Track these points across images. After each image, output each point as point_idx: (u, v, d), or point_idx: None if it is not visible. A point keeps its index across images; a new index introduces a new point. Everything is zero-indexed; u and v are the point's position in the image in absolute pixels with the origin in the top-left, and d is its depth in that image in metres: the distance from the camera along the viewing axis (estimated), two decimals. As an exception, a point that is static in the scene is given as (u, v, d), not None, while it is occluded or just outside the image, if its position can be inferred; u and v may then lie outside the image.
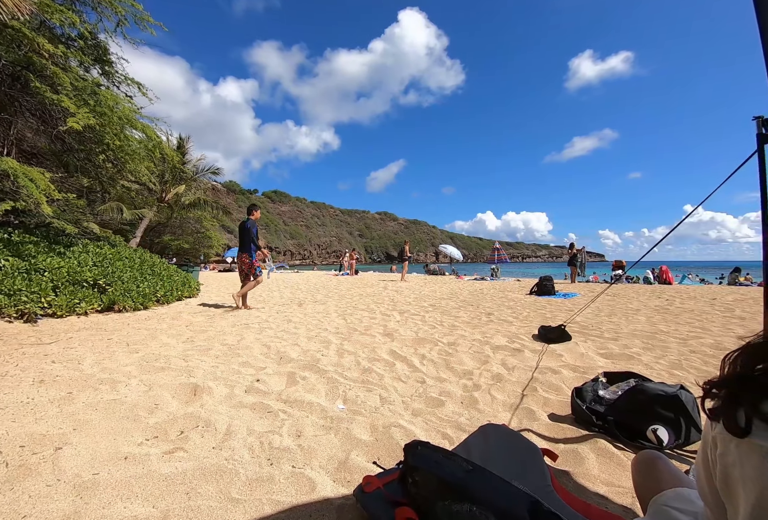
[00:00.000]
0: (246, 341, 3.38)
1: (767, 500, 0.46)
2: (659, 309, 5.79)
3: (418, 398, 2.09)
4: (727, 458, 0.53)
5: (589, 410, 1.74)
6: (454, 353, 3.02)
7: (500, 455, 1.24)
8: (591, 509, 1.13)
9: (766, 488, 0.46)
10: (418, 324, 4.32)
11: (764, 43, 1.20)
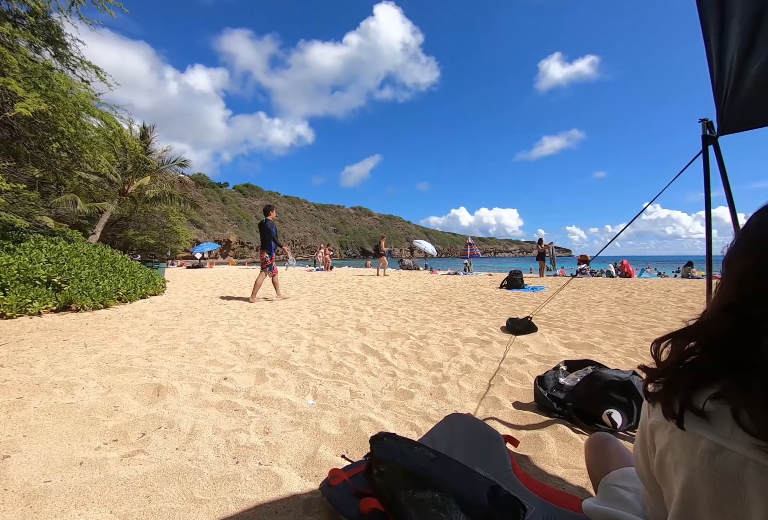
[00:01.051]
0: (214, 338, 3.29)
1: (695, 482, 0.48)
2: (619, 301, 6.11)
3: (388, 391, 2.11)
4: (662, 444, 0.55)
5: (550, 397, 1.82)
6: (425, 346, 3.07)
7: (464, 443, 1.28)
8: (548, 490, 1.18)
9: (694, 471, 0.48)
10: (391, 318, 4.35)
11: (708, 52, 1.28)
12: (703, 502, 0.48)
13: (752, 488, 0.43)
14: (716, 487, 0.46)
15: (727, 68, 1.28)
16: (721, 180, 1.66)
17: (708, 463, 0.47)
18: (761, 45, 1.13)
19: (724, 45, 1.19)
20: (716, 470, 0.46)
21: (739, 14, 1.04)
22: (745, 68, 1.25)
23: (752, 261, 0.49)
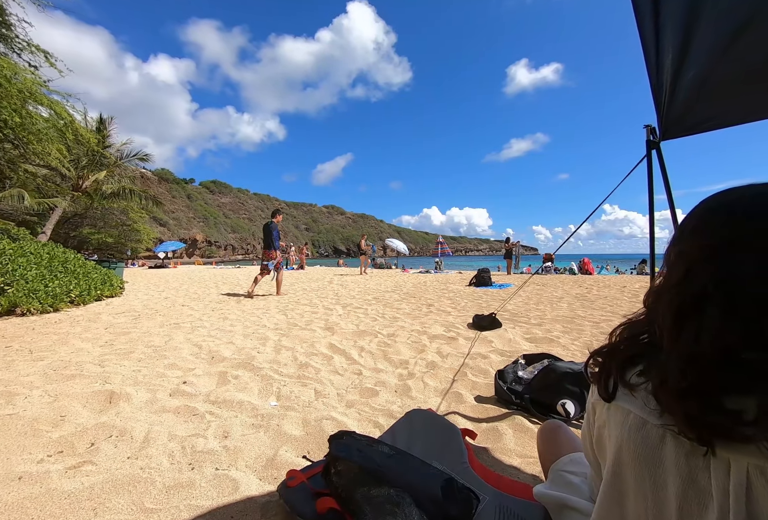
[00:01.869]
0: (175, 341, 3.16)
1: (623, 454, 0.52)
2: (579, 297, 6.42)
3: (353, 390, 2.11)
4: (600, 420, 0.60)
5: (509, 390, 1.88)
6: (392, 343, 3.09)
7: (423, 438, 1.30)
8: (503, 480, 1.23)
9: (623, 442, 0.52)
10: (360, 317, 4.35)
11: (647, 64, 1.36)
12: (628, 473, 0.51)
13: (669, 458, 0.46)
14: (639, 458, 0.49)
15: (665, 79, 1.37)
16: (663, 182, 1.78)
17: (634, 435, 0.51)
18: (692, 57, 1.22)
19: (661, 57, 1.27)
20: (640, 441, 0.50)
21: (671, 27, 1.12)
22: (679, 79, 1.35)
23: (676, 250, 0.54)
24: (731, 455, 0.42)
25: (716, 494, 0.42)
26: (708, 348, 0.43)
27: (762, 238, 0.44)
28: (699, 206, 0.53)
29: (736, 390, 0.42)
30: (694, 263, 0.49)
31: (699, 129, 1.66)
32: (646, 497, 0.49)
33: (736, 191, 0.50)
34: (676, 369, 0.46)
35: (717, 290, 0.44)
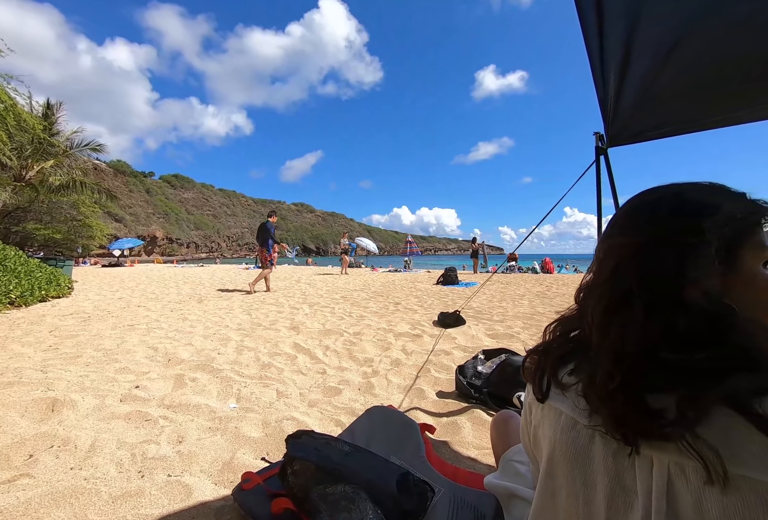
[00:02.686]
0: (128, 344, 2.99)
1: (555, 453, 0.53)
2: (539, 294, 6.71)
3: (316, 389, 2.10)
4: (536, 419, 0.60)
5: (468, 385, 1.94)
6: (358, 342, 3.10)
7: (382, 434, 1.32)
8: (459, 472, 1.27)
9: (556, 443, 0.53)
10: (327, 316, 4.32)
11: (594, 75, 1.44)
12: (561, 472, 0.52)
13: (598, 458, 0.47)
14: (570, 458, 0.50)
15: (610, 90, 1.46)
16: (610, 187, 1.90)
17: (565, 436, 0.51)
18: (633, 70, 1.31)
19: (606, 70, 1.35)
20: (570, 442, 0.50)
21: (613, 41, 1.20)
22: (623, 90, 1.44)
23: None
24: (654, 454, 0.42)
25: (641, 492, 0.43)
26: (632, 347, 0.44)
27: (681, 235, 0.45)
28: (626, 204, 0.54)
29: (657, 389, 0.43)
30: (621, 260, 0.49)
31: (642, 138, 1.78)
32: (578, 496, 0.49)
33: (659, 190, 0.52)
34: (604, 370, 0.46)
35: (641, 287, 0.45)
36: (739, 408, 0.37)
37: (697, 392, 0.40)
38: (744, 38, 1.13)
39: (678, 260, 0.44)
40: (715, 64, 1.24)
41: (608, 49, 1.23)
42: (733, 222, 0.45)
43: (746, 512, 0.36)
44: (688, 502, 0.39)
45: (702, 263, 0.44)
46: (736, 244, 0.45)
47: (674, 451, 0.40)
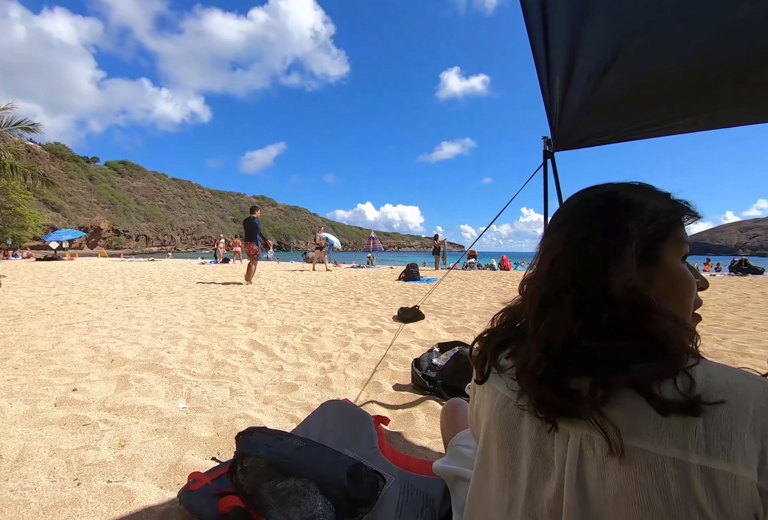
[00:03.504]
0: (65, 344, 2.77)
1: (491, 430, 0.57)
2: (496, 290, 7.01)
3: (272, 386, 2.07)
4: (477, 400, 0.65)
5: (424, 377, 2.00)
6: (317, 338, 3.08)
7: (336, 428, 1.33)
8: (411, 461, 1.31)
9: (491, 419, 0.57)
10: (286, 312, 4.24)
11: (541, 85, 1.52)
12: (494, 446, 0.56)
13: (525, 433, 0.52)
14: (502, 433, 0.55)
15: (555, 98, 1.55)
16: (556, 189, 2.02)
17: (499, 413, 0.56)
18: (575, 81, 1.41)
19: (551, 79, 1.44)
20: (503, 418, 0.55)
21: (558, 52, 1.27)
22: (567, 99, 1.54)
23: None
24: (570, 429, 0.47)
25: (557, 463, 0.48)
26: (561, 337, 0.48)
27: (609, 234, 0.48)
28: (566, 202, 0.58)
29: (577, 374, 0.46)
30: (556, 256, 0.52)
31: (584, 144, 1.91)
32: (506, 468, 0.54)
33: (594, 190, 0.56)
34: (534, 357, 0.50)
35: (572, 282, 0.49)
36: (640, 390, 0.42)
37: (608, 376, 0.44)
38: (673, 57, 1.25)
39: (605, 255, 0.47)
40: (647, 81, 1.35)
41: (553, 59, 1.31)
42: (656, 220, 0.49)
43: (639, 479, 0.41)
44: (594, 471, 0.44)
45: (627, 258, 0.47)
46: (658, 240, 0.49)
47: (585, 426, 0.45)
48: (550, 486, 0.48)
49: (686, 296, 0.52)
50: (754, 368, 1.41)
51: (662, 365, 0.43)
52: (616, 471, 0.42)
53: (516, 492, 0.52)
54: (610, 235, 0.48)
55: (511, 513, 0.52)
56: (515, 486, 0.52)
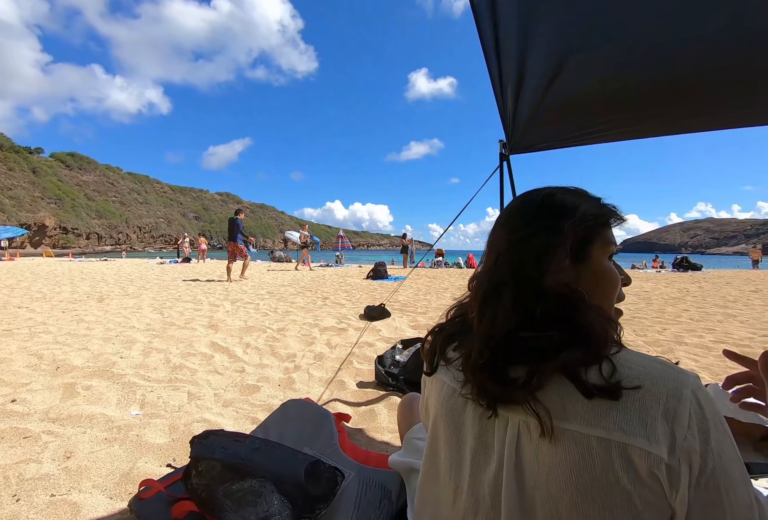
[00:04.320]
0: (3, 352, 2.56)
1: (438, 419, 0.60)
2: (461, 288, 7.19)
3: (233, 388, 2.03)
4: (427, 391, 0.68)
5: (386, 373, 2.04)
6: (281, 338, 3.04)
7: (296, 427, 1.34)
8: (371, 456, 1.34)
9: (439, 408, 0.60)
10: (250, 312, 4.15)
11: (494, 92, 1.59)
12: (441, 434, 0.60)
13: (469, 421, 0.55)
14: (449, 421, 0.58)
15: (508, 104, 1.63)
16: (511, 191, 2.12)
17: (446, 402, 0.59)
18: (525, 90, 1.49)
19: (504, 86, 1.51)
20: (450, 407, 0.58)
21: (509, 63, 1.34)
22: (518, 106, 1.62)
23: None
24: (509, 415, 0.50)
25: (497, 447, 0.51)
26: (500, 330, 0.52)
27: (545, 233, 0.52)
28: (509, 204, 0.63)
29: (515, 363, 0.50)
30: (499, 254, 0.56)
31: (536, 148, 2.02)
32: (452, 455, 0.57)
33: (534, 193, 0.60)
34: (477, 349, 0.54)
35: (512, 279, 0.53)
36: (569, 376, 0.46)
37: (541, 363, 0.48)
38: (613, 71, 1.35)
39: (540, 253, 0.51)
40: (586, 93, 1.46)
41: (505, 69, 1.38)
42: (586, 222, 0.54)
43: (568, 458, 0.45)
44: (530, 453, 0.48)
45: (560, 256, 0.51)
46: (587, 240, 0.54)
47: (522, 411, 0.48)
48: (491, 470, 0.51)
49: (610, 291, 0.58)
50: (689, 355, 1.58)
51: (588, 353, 0.47)
52: (548, 452, 0.46)
53: (461, 478, 0.55)
54: (546, 235, 0.53)
55: (457, 499, 0.56)
56: (460, 472, 0.56)
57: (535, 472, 0.47)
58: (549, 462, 0.46)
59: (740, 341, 3.19)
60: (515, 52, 1.30)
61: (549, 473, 0.46)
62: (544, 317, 0.50)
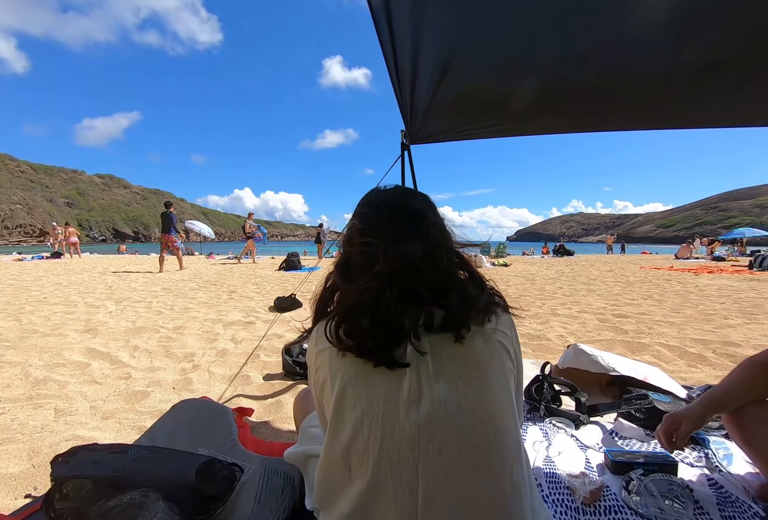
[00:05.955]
0: None
1: (346, 386, 0.60)
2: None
3: (115, 398, 1.79)
4: (321, 362, 0.67)
5: (294, 363, 2.01)
6: (178, 337, 2.76)
7: (188, 428, 1.24)
8: (274, 446, 1.32)
9: (345, 376, 0.61)
10: (140, 312, 3.67)
11: (393, 86, 1.63)
12: (349, 400, 0.60)
13: (376, 381, 0.59)
14: (358, 385, 0.59)
15: (406, 95, 1.69)
16: (412, 180, 2.22)
17: (352, 369, 0.61)
18: (418, 85, 1.56)
19: (402, 80, 1.56)
20: (356, 373, 0.60)
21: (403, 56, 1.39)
22: (414, 99, 1.69)
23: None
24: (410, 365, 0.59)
25: (402, 392, 0.57)
26: (380, 304, 0.58)
27: (366, 234, 0.63)
28: (362, 199, 0.70)
29: (399, 329, 0.59)
30: (348, 247, 0.66)
31: (433, 139, 2.14)
32: (362, 405, 0.58)
33: (373, 192, 0.71)
34: (366, 322, 0.59)
35: (382, 264, 0.60)
36: (448, 329, 0.59)
37: (421, 322, 0.59)
38: (494, 71, 1.49)
39: (360, 253, 0.63)
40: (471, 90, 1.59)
41: (401, 64, 1.42)
42: (438, 225, 0.68)
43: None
44: (425, 387, 0.57)
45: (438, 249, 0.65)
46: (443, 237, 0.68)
47: (413, 360, 0.58)
48: (402, 414, 0.56)
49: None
50: (560, 324, 1.88)
51: (460, 311, 0.61)
52: (433, 387, 0.56)
53: (370, 433, 0.57)
54: (367, 236, 0.63)
55: (365, 456, 0.57)
56: (372, 427, 0.57)
57: (436, 407, 0.55)
58: (436, 396, 0.56)
59: (597, 310, 3.90)
60: (409, 47, 1.34)
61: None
62: (436, 285, 0.63)
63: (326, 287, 0.72)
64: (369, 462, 0.56)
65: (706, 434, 1.34)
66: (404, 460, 0.55)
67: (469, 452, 0.54)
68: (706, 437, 1.32)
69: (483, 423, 0.56)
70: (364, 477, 0.57)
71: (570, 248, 17.45)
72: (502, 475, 0.55)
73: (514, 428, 0.59)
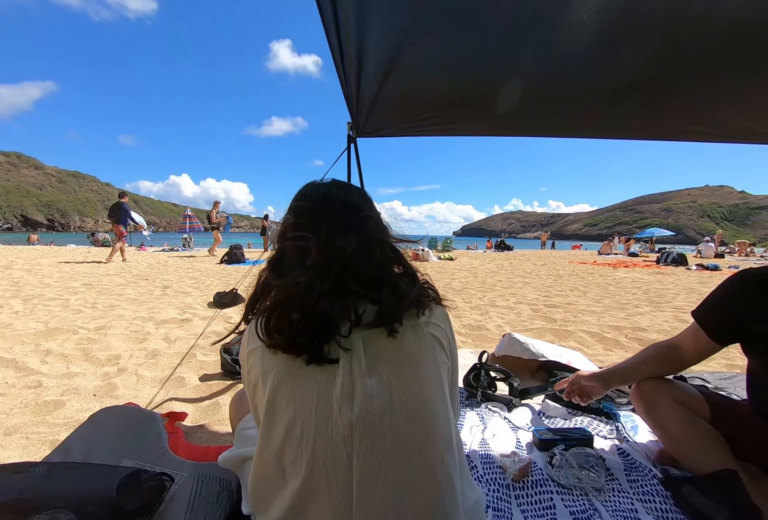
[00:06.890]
0: None
1: (280, 383, 0.59)
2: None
3: (22, 410, 1.57)
4: (254, 361, 0.64)
5: (233, 362, 1.92)
6: (101, 338, 2.50)
7: (109, 439, 1.13)
8: (209, 450, 1.25)
9: (278, 374, 0.59)
10: (54, 311, 3.26)
11: (339, 78, 1.59)
12: (282, 397, 0.58)
13: (310, 377, 0.58)
14: (291, 383, 0.58)
15: (352, 88, 1.66)
16: (358, 173, 2.20)
17: (284, 365, 0.59)
18: (363, 80, 1.54)
19: (347, 74, 1.52)
20: (289, 370, 0.59)
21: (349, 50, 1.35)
22: (359, 94, 1.67)
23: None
24: (341, 361, 0.59)
25: (335, 387, 0.57)
26: (312, 298, 0.57)
27: (299, 228, 0.63)
28: (297, 193, 0.70)
29: (332, 324, 0.58)
30: (281, 242, 0.67)
31: (379, 134, 2.13)
32: (295, 404, 0.57)
33: (308, 185, 0.71)
34: (296, 316, 0.58)
35: (317, 256, 0.60)
36: (381, 324, 0.59)
37: (352, 317, 0.58)
38: (439, 73, 1.51)
39: (291, 247, 0.63)
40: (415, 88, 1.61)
41: (346, 57, 1.39)
42: (373, 219, 0.69)
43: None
44: (357, 382, 0.56)
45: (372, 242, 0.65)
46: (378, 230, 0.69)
47: (345, 355, 0.58)
48: (336, 411, 0.55)
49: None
50: (498, 314, 2.00)
51: (394, 304, 0.61)
52: (366, 382, 0.57)
53: (303, 431, 0.56)
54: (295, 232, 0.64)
55: (299, 455, 0.56)
56: (306, 424, 0.56)
57: (368, 401, 0.56)
58: (367, 392, 0.56)
59: (531, 301, 4.21)
60: (354, 40, 1.32)
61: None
62: (369, 278, 0.65)
63: (259, 284, 0.69)
64: (303, 461, 0.55)
65: (617, 409, 1.52)
66: (338, 456, 0.55)
67: (401, 444, 0.56)
68: (617, 412, 1.49)
69: (414, 415, 0.57)
70: (298, 477, 0.56)
71: (510, 244, 18.63)
72: (434, 463, 0.57)
73: (445, 418, 0.61)
